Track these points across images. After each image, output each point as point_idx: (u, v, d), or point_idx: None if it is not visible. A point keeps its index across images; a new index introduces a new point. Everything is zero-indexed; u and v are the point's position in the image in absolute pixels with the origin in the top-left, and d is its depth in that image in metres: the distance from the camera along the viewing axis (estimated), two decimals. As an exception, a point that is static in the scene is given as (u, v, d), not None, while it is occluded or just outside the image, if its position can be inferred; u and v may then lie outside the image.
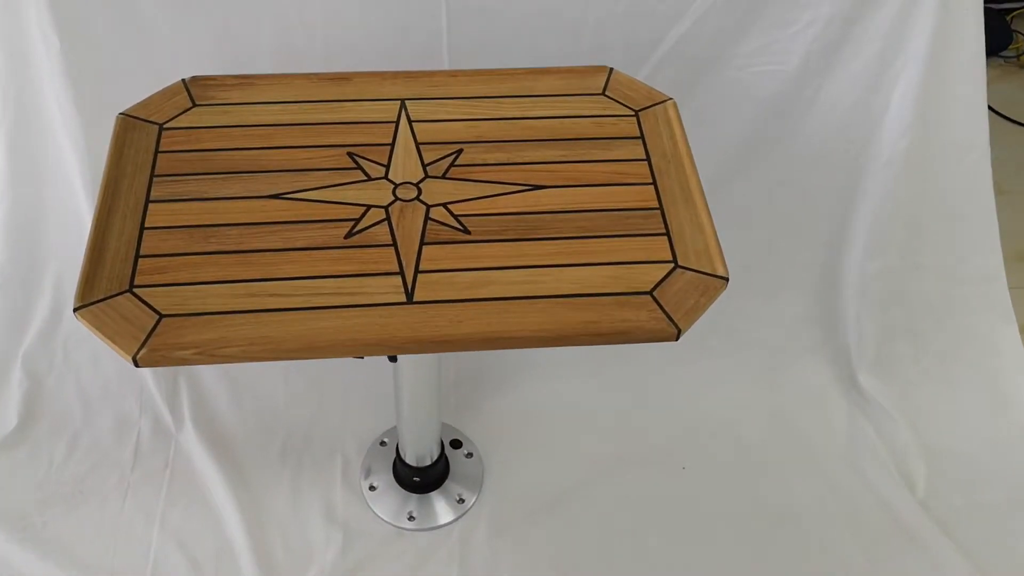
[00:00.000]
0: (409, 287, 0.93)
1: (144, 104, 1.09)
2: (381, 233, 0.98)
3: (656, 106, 1.13)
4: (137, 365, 0.87)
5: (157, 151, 1.05)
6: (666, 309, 0.93)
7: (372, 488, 1.44)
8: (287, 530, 1.39)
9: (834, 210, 1.55)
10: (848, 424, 1.56)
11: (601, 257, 0.97)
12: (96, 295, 0.90)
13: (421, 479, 1.43)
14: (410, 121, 1.10)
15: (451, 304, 0.92)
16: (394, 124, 1.10)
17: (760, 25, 1.39)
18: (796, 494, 1.47)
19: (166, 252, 0.95)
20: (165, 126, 1.08)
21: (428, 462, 1.42)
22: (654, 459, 1.51)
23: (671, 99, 1.14)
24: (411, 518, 1.41)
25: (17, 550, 1.35)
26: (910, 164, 1.48)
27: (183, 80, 1.12)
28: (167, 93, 1.11)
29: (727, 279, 0.96)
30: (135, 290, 0.92)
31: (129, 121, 1.07)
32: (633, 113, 1.13)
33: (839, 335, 1.60)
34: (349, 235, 0.98)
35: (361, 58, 1.35)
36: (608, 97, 1.15)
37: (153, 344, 0.87)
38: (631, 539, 1.41)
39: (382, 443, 1.51)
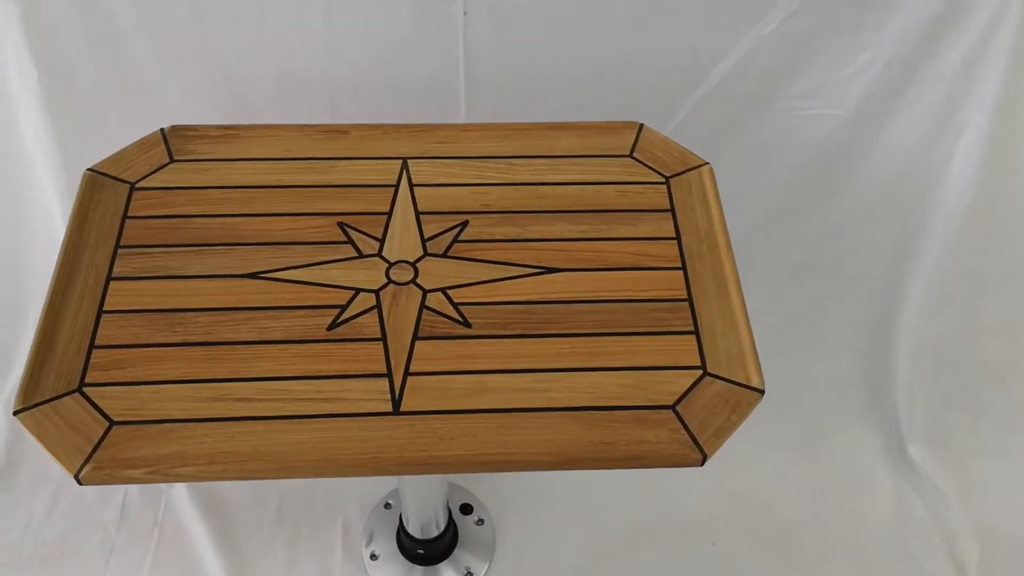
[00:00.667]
0: (397, 393, 0.81)
1: (117, 159, 0.98)
2: (369, 324, 0.86)
3: (690, 172, 1.00)
4: (80, 483, 0.76)
5: (125, 215, 0.94)
6: (690, 428, 0.80)
7: (374, 557, 1.33)
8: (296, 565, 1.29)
9: (888, 265, 1.42)
10: (895, 500, 1.42)
11: (619, 359, 0.85)
12: (41, 395, 0.80)
13: (426, 551, 1.32)
14: (411, 185, 0.98)
15: (442, 416, 0.80)
16: (393, 188, 0.98)
17: (813, 65, 1.26)
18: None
19: (124, 343, 0.84)
20: (137, 185, 0.96)
21: (434, 532, 1.31)
22: (681, 533, 1.38)
23: (707, 164, 1.00)
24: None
25: (6, 579, 1.26)
26: (974, 217, 1.35)
27: (162, 130, 1.01)
28: (143, 145, 0.99)
29: (763, 392, 0.83)
30: (85, 389, 0.81)
31: (97, 179, 0.96)
32: (663, 180, 0.99)
33: (888, 401, 1.47)
34: (332, 326, 0.86)
35: (367, 94, 1.22)
36: (636, 160, 1.01)
37: (99, 459, 0.76)
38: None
39: (387, 505, 1.40)
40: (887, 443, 1.46)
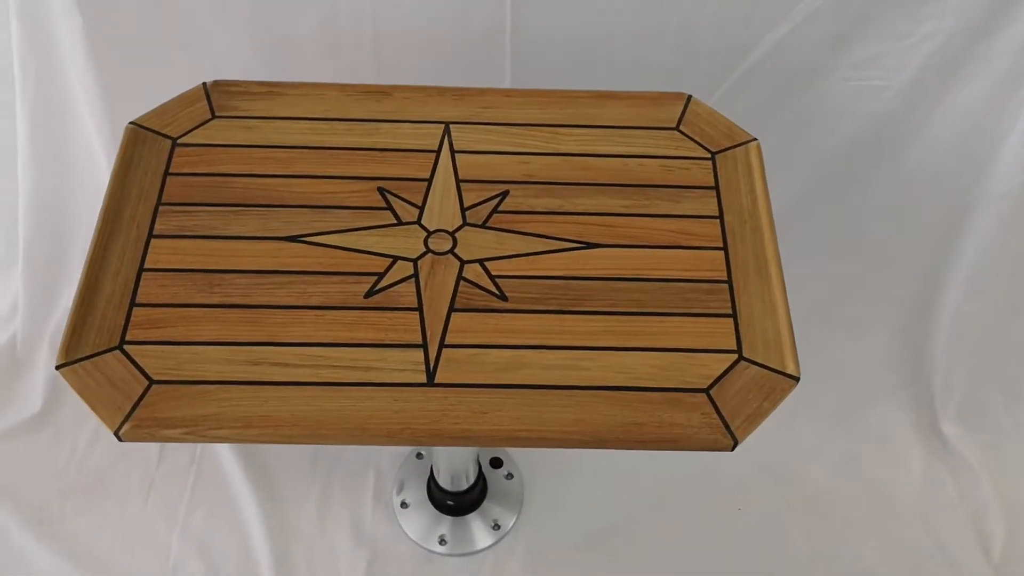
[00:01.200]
0: (432, 365, 0.82)
1: (159, 113, 0.98)
2: (406, 293, 0.86)
3: (736, 148, 0.98)
4: (120, 439, 0.77)
5: (167, 172, 0.94)
6: (723, 413, 0.80)
7: (404, 505, 1.36)
8: (312, 546, 1.32)
9: (934, 244, 1.38)
10: (925, 475, 1.42)
11: (654, 340, 0.84)
12: (83, 350, 0.81)
13: (455, 503, 1.34)
14: (452, 152, 0.97)
15: (477, 390, 0.81)
16: (434, 155, 0.97)
17: (870, 34, 1.21)
18: (859, 549, 1.35)
19: (164, 301, 0.85)
20: (179, 141, 0.96)
21: (464, 485, 1.33)
22: (709, 498, 1.39)
23: (754, 140, 0.98)
24: (442, 542, 1.32)
25: (32, 543, 1.30)
26: (1026, 200, 1.30)
27: (204, 84, 1.00)
28: (185, 100, 0.99)
29: (797, 379, 0.82)
30: (126, 347, 0.82)
31: (140, 133, 0.96)
32: (709, 156, 0.98)
33: (924, 378, 1.45)
34: (370, 293, 0.86)
35: (411, 50, 1.20)
36: (682, 133, 0.99)
37: (139, 417, 0.77)
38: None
39: (418, 455, 1.42)
40: (920, 420, 1.45)
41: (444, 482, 1.32)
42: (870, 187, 1.37)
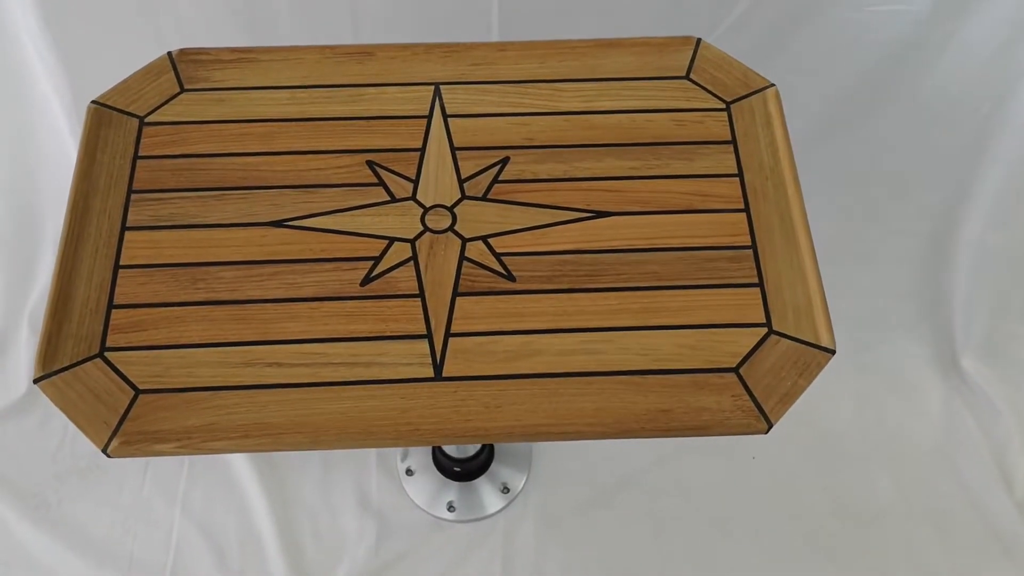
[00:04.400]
0: (438, 357, 0.76)
1: (122, 88, 0.89)
2: (405, 278, 0.80)
3: (753, 96, 0.90)
4: (108, 456, 0.72)
5: (136, 156, 0.86)
6: (755, 394, 0.74)
7: (409, 472, 1.31)
8: (317, 518, 1.28)
9: (954, 174, 1.32)
10: (944, 412, 1.38)
11: (676, 316, 0.78)
12: (61, 361, 0.75)
13: (463, 469, 1.30)
14: (445, 116, 0.89)
15: (487, 382, 0.75)
16: (425, 120, 0.89)
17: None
18: (879, 490, 1.32)
19: (145, 301, 0.78)
20: (147, 120, 0.88)
21: (471, 451, 1.28)
22: (721, 446, 1.35)
23: (772, 86, 0.90)
24: (451, 508, 1.28)
25: (30, 531, 1.26)
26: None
27: (169, 54, 0.92)
28: (150, 71, 0.91)
29: (833, 351, 0.77)
30: (107, 354, 0.76)
31: (103, 113, 0.88)
32: (724, 106, 0.90)
33: (943, 312, 1.41)
34: (366, 280, 0.80)
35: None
36: (693, 82, 0.92)
37: (127, 432, 0.72)
38: (691, 537, 1.27)
39: (421, 419, 1.36)
40: (939, 355, 1.41)
41: (450, 449, 1.27)
42: (887, 117, 1.30)
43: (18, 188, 1.32)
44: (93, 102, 0.88)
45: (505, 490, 1.30)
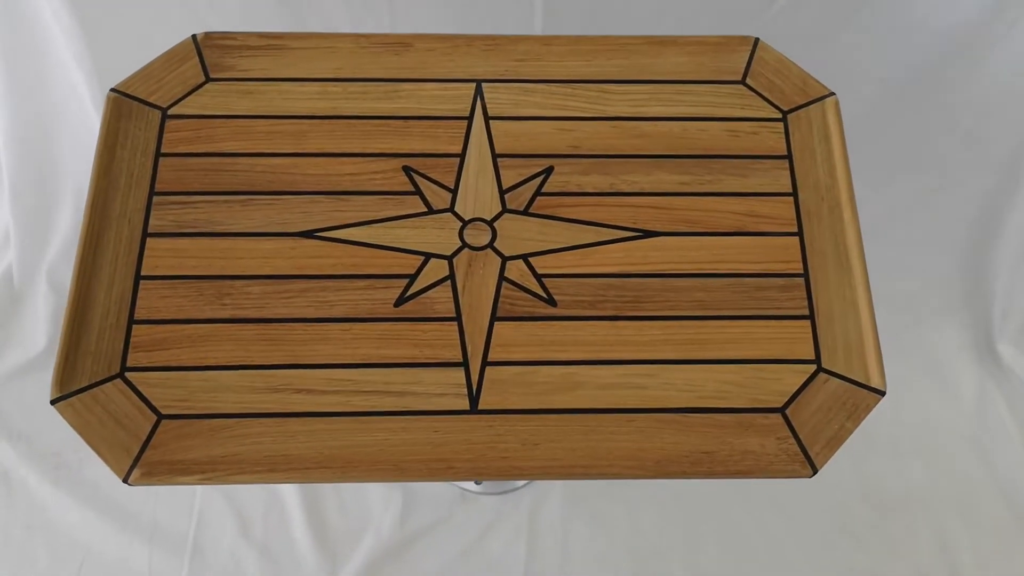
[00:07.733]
0: (474, 388, 0.73)
1: (144, 75, 0.84)
2: (442, 299, 0.76)
3: (811, 105, 0.85)
4: (129, 485, 0.69)
5: (159, 152, 0.81)
6: (800, 437, 0.72)
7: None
8: (342, 489, 1.26)
9: (1004, 162, 1.27)
10: (977, 398, 1.35)
11: (722, 350, 0.75)
12: (79, 381, 0.72)
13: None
14: (486, 118, 0.84)
15: (525, 416, 0.72)
16: (466, 122, 0.84)
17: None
18: (908, 475, 1.30)
19: (168, 317, 0.75)
20: (169, 112, 0.83)
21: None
22: (749, 428, 1.32)
23: (831, 95, 0.85)
24: (478, 481, 1.27)
25: (51, 494, 1.25)
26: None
27: (194, 37, 0.86)
28: (173, 57, 0.85)
29: (883, 393, 0.73)
30: (128, 374, 0.73)
31: (124, 103, 0.82)
32: (780, 115, 0.85)
33: (982, 297, 1.37)
34: (400, 301, 0.76)
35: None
36: (748, 88, 0.86)
37: (149, 462, 0.69)
38: (718, 518, 1.26)
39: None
40: (976, 340, 1.38)
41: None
42: (941, 104, 1.25)
43: (32, 144, 1.27)
44: (113, 90, 0.83)
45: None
